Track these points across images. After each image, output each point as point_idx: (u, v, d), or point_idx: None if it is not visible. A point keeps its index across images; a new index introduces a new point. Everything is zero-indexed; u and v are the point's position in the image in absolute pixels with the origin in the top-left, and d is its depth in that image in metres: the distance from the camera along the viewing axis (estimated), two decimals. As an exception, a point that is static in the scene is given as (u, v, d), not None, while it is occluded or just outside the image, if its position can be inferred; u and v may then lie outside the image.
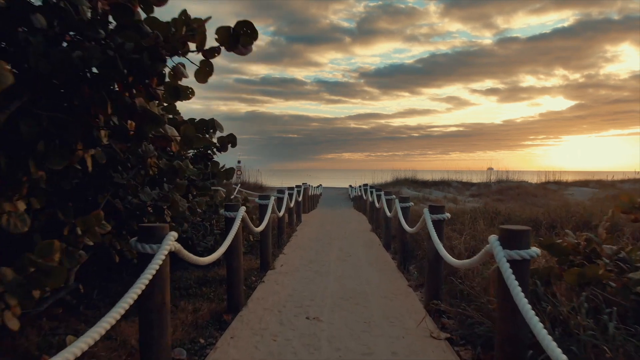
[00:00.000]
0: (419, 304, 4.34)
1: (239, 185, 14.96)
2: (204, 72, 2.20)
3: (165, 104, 3.13)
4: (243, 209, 4.24)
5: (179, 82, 2.30)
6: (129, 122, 2.37)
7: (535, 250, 2.29)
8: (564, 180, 35.81)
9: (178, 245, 2.45)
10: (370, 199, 11.29)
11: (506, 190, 29.42)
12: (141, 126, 2.28)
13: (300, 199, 11.21)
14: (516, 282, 2.08)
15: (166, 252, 2.29)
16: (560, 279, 3.01)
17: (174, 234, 2.38)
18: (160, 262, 2.23)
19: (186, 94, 2.44)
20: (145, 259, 2.30)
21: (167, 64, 2.21)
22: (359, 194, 16.65)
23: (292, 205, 9.50)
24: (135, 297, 2.01)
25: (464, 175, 36.53)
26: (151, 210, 4.02)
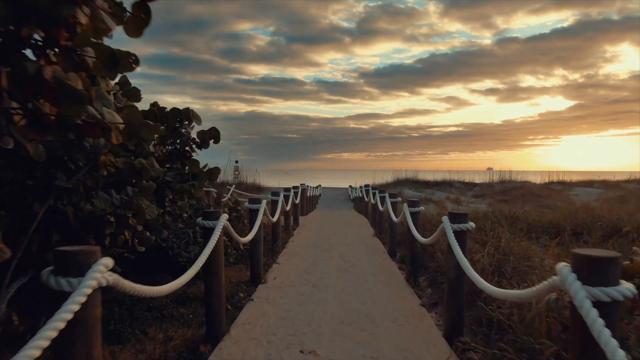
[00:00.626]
0: (436, 330, 3.62)
1: (234, 186, 14.18)
2: (138, 20, 1.48)
3: (111, 83, 2.39)
4: (224, 217, 3.52)
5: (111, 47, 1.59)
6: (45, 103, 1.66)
7: (629, 287, 1.57)
8: (568, 180, 35.26)
9: (114, 277, 1.73)
10: (372, 201, 10.56)
11: (510, 190, 28.67)
12: (58, 107, 1.57)
13: (297, 201, 10.46)
14: (614, 342, 1.36)
15: (90, 291, 1.57)
16: (632, 313, 2.30)
17: (105, 263, 1.66)
18: (78, 307, 1.51)
19: (128, 63, 1.72)
20: (62, 298, 1.58)
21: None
22: (360, 195, 15.92)
23: (288, 208, 8.76)
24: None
25: (465, 175, 35.80)
26: (113, 219, 3.30)
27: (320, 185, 30.75)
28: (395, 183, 30.85)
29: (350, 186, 30.10)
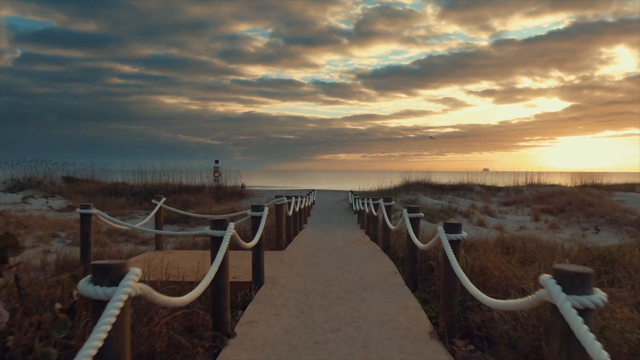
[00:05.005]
0: None
1: (163, 200, 8.75)
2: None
3: None
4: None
5: None
6: None
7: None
8: (604, 183, 30.30)
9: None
10: (415, 240, 5.18)
11: (548, 197, 23.35)
12: None
13: (256, 240, 5.07)
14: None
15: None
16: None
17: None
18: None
19: None
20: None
21: None
22: (373, 212, 10.53)
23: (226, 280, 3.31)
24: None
25: (463, 176, 29.74)
26: None
27: (314, 190, 25.34)
28: (407, 187, 25.51)
29: (351, 192, 24.61)
